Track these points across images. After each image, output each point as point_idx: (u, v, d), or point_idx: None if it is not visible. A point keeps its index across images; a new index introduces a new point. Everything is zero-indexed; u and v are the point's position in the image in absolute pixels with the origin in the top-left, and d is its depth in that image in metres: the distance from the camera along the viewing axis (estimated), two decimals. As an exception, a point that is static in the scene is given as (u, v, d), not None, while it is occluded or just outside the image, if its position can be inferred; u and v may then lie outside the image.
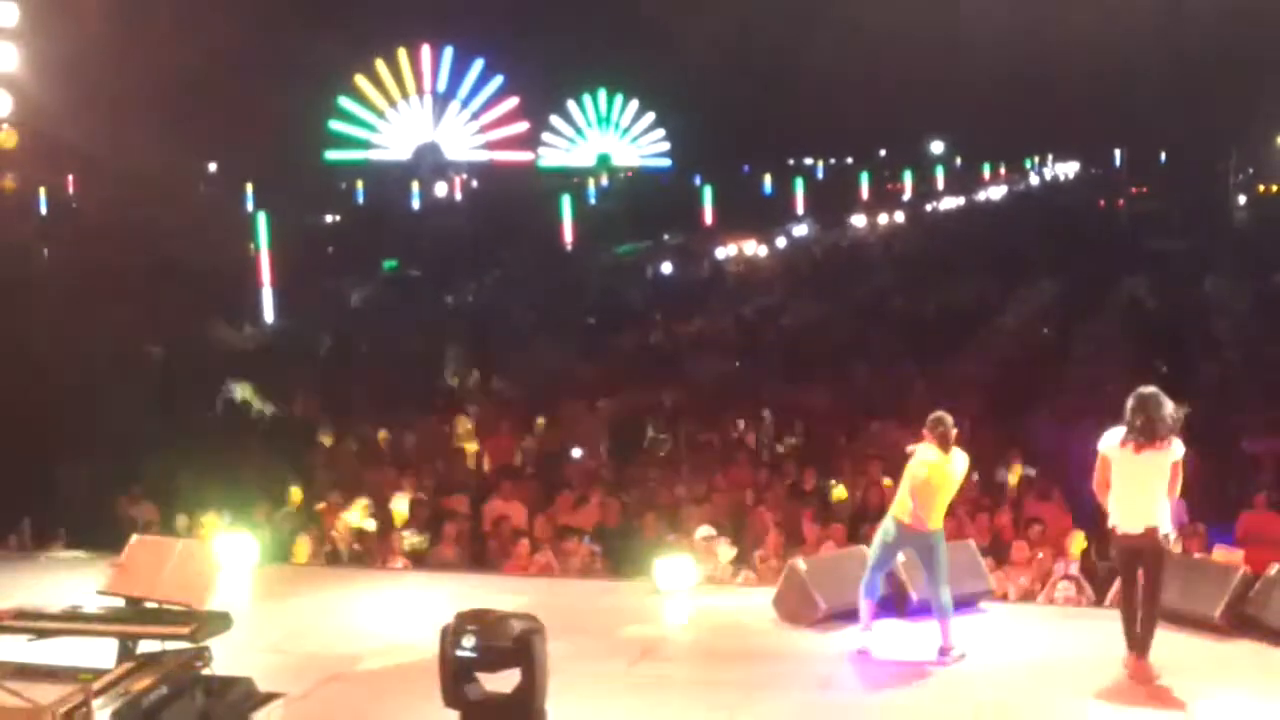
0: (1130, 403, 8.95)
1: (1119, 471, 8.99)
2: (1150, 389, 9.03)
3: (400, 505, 14.92)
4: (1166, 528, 9.10)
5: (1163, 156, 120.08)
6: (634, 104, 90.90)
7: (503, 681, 7.07)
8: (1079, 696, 8.95)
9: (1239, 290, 36.98)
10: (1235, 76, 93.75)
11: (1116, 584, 10.35)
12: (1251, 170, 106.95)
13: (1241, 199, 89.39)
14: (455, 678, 6.91)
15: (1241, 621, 9.87)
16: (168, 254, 34.57)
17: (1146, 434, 8.87)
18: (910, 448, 9.65)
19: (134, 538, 8.31)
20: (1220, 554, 10.97)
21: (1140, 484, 8.96)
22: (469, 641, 6.77)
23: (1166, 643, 9.40)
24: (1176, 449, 8.99)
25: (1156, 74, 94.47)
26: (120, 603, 7.71)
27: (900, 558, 9.98)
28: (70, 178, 69.97)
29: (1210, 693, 8.91)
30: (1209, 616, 9.88)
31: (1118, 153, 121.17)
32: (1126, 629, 9.24)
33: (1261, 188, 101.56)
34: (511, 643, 6.78)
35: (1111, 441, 9.03)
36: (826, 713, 8.92)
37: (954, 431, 9.49)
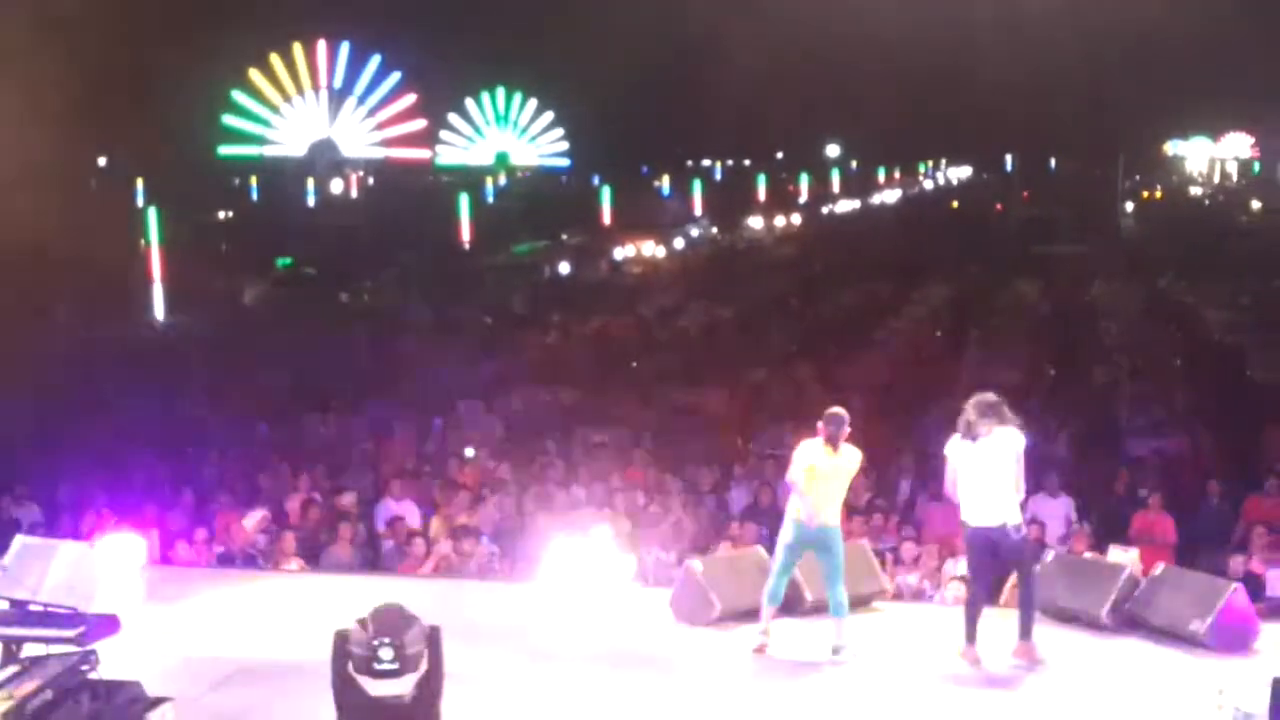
0: (969, 406, 9.42)
1: (962, 468, 9.38)
2: (985, 394, 9.47)
3: (293, 505, 14.73)
4: (1017, 519, 9.39)
5: (1052, 162, 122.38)
6: (533, 103, 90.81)
7: (391, 684, 6.99)
8: (969, 694, 9.08)
9: (1127, 294, 37.77)
10: (1124, 85, 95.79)
11: (1009, 582, 10.56)
12: (1138, 177, 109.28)
13: (1129, 205, 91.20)
14: (346, 684, 6.81)
15: (1127, 620, 10.06)
16: (55, 249, 33.87)
17: (971, 429, 9.31)
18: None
19: (18, 539, 8.15)
20: (1116, 554, 11.19)
21: (981, 477, 9.29)
22: (387, 654, 6.61)
23: (1054, 640, 9.58)
24: (1014, 440, 9.33)
25: (1048, 81, 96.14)
26: (4, 605, 7.56)
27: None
28: (-48, 171, 68.29)
29: (1097, 690, 9.07)
30: (1096, 615, 10.06)
31: (1009, 158, 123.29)
32: (969, 622, 9.47)
33: (1145, 194, 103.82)
34: (423, 645, 6.68)
35: (952, 441, 9.44)
36: (721, 712, 8.95)
37: (846, 429, 9.58)
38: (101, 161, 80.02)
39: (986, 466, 9.26)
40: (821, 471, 9.55)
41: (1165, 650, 9.74)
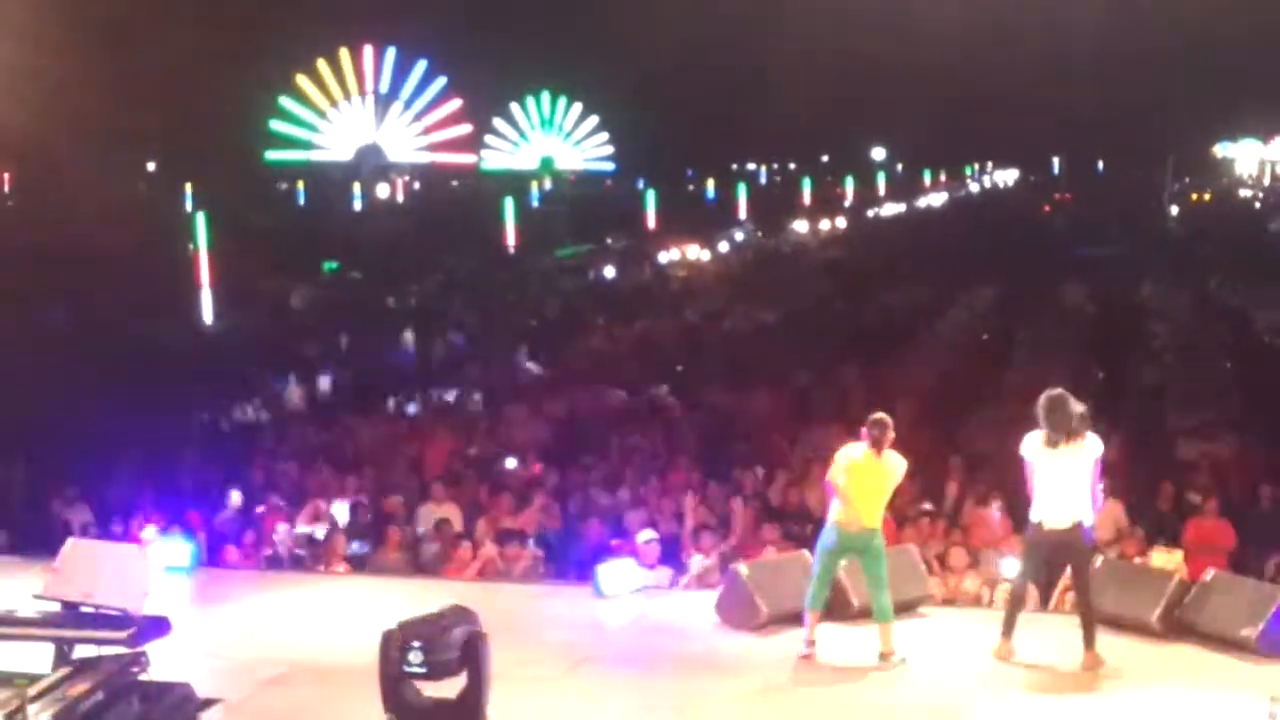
0: (1042, 403, 9.32)
1: (1041, 470, 9.33)
2: (1057, 390, 9.40)
3: (341, 509, 14.81)
4: (1090, 521, 9.43)
5: (1100, 165, 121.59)
6: (577, 107, 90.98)
7: (441, 686, 7.03)
8: (1018, 699, 9.02)
9: (1176, 296, 37.44)
10: (1173, 87, 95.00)
11: (1060, 586, 10.51)
12: (1187, 179, 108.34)
13: (1174, 209, 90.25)
14: (395, 684, 6.85)
15: (1178, 626, 9.98)
16: (105, 252, 34.22)
17: (1061, 430, 9.22)
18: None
19: (70, 541, 8.22)
20: (1159, 555, 11.09)
21: (1062, 480, 9.27)
22: (416, 658, 6.67)
23: (1104, 646, 9.50)
24: (1095, 445, 9.33)
25: (1095, 83, 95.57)
26: (56, 607, 7.62)
27: (843, 563, 10.00)
28: (5, 175, 69.23)
29: (1147, 696, 9.00)
30: (1146, 621, 9.97)
31: (1056, 161, 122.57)
32: (1009, 617, 9.55)
33: (1195, 196, 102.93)
34: (458, 652, 6.71)
35: (1032, 443, 9.37)
36: (767, 717, 8.93)
37: (890, 435, 9.55)
38: (150, 167, 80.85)
39: (1067, 470, 9.25)
40: (862, 476, 9.52)
41: (1216, 657, 9.64)
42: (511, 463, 17.10)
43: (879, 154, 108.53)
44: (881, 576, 9.60)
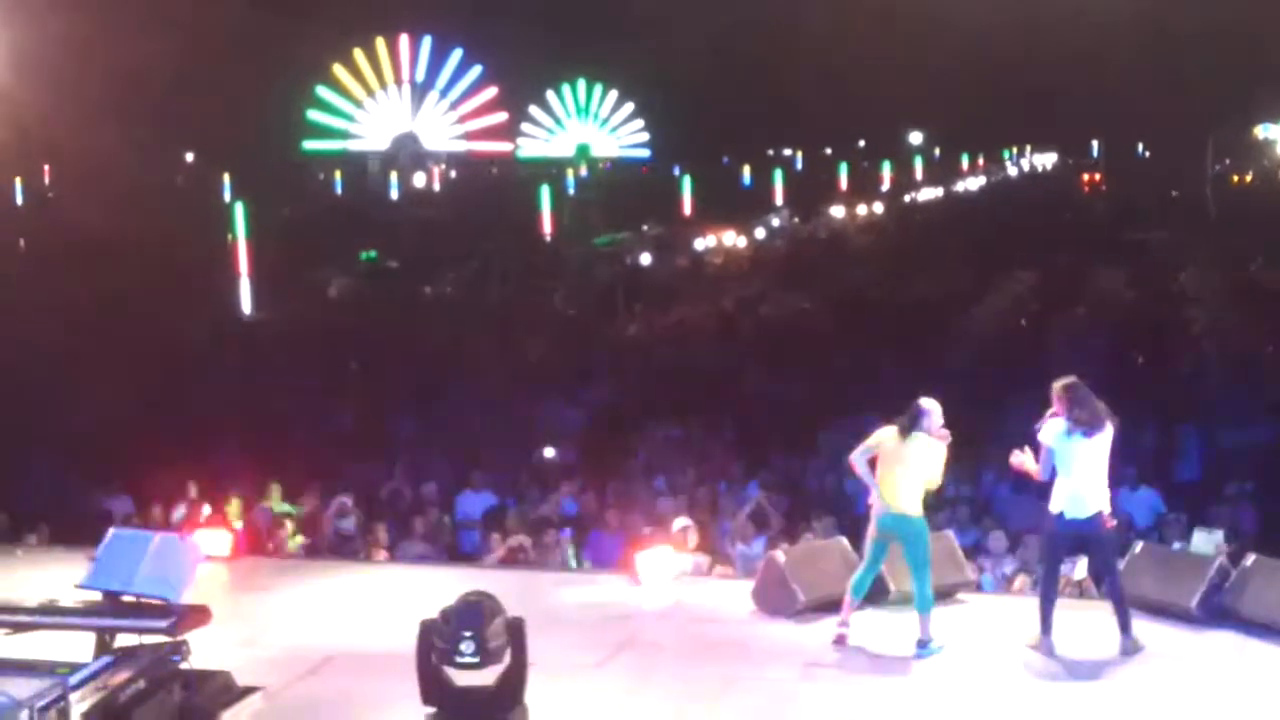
0: (1061, 392, 9.26)
1: (1064, 460, 9.26)
2: (1072, 378, 9.32)
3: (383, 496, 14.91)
4: (1108, 509, 9.37)
5: (1140, 147, 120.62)
6: (613, 94, 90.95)
7: (476, 674, 7.04)
8: (1056, 687, 8.99)
9: (1215, 281, 37.07)
10: (1214, 68, 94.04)
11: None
12: (1228, 161, 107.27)
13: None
14: (433, 674, 6.87)
15: (1218, 611, 9.92)
16: (145, 244, 34.44)
17: (1089, 421, 9.15)
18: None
19: (111, 531, 8.29)
20: (1200, 536, 11.03)
21: (1083, 469, 9.21)
22: (468, 647, 6.65)
23: (1144, 632, 9.46)
24: (1109, 433, 9.26)
25: (1135, 65, 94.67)
26: (98, 596, 7.69)
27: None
28: (46, 168, 69.75)
29: (1188, 682, 8.96)
30: (1185, 607, 9.92)
31: (1095, 143, 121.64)
32: (1044, 611, 9.43)
33: (1236, 178, 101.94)
34: (505, 637, 6.72)
35: (1053, 431, 9.28)
36: (805, 704, 8.93)
37: (926, 420, 9.47)
38: (189, 157, 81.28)
39: (1090, 461, 9.19)
40: (889, 459, 9.48)
41: (1256, 642, 9.59)
42: (550, 452, 17.14)
43: (916, 138, 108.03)
44: (921, 563, 9.55)
